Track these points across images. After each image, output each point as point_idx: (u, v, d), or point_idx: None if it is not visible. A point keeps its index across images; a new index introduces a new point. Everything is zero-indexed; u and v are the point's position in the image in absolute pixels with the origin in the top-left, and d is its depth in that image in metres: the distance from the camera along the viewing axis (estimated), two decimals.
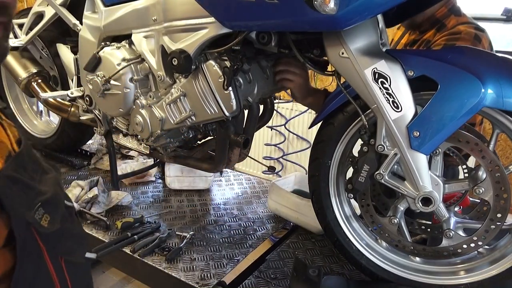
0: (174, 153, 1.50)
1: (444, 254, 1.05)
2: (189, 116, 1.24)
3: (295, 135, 3.13)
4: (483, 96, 0.86)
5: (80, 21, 1.47)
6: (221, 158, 1.36)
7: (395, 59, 0.93)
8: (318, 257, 1.38)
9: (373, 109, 0.95)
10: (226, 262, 1.32)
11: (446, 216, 1.03)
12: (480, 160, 0.94)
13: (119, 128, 1.51)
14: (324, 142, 1.11)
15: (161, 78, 1.24)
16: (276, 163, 3.34)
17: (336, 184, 1.15)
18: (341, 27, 0.88)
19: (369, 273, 1.16)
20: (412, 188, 0.98)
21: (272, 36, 1.06)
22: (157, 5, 1.18)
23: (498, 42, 2.84)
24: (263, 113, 1.55)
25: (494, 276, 1.01)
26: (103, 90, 1.35)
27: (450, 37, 1.30)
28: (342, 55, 0.96)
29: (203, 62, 1.16)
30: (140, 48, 1.27)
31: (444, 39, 1.31)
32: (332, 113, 1.08)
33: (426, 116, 0.91)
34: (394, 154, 0.96)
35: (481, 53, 0.95)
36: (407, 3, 0.85)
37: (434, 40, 1.35)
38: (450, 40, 1.29)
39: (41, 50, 1.84)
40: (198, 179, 1.84)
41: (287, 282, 1.22)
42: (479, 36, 1.29)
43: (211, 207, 1.72)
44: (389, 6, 0.85)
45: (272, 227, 1.58)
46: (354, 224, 1.18)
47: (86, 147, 2.27)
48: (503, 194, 0.95)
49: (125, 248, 1.35)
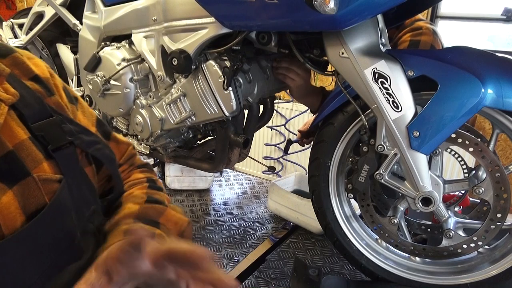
0: (174, 153, 1.50)
1: (444, 254, 1.05)
2: (189, 116, 1.24)
3: (295, 135, 3.13)
4: (483, 96, 0.86)
5: (80, 21, 1.47)
6: (221, 158, 1.36)
7: (395, 59, 0.93)
8: (318, 257, 1.38)
9: (373, 109, 0.95)
10: (226, 262, 1.32)
11: (446, 216, 1.03)
12: (480, 160, 0.94)
13: (119, 128, 1.51)
14: (324, 142, 1.11)
15: (161, 78, 1.24)
16: (276, 163, 3.34)
17: (336, 184, 1.15)
18: (341, 27, 0.88)
19: (369, 273, 1.16)
20: (412, 188, 0.98)
21: (272, 36, 1.06)
22: (157, 5, 1.18)
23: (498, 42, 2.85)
24: (263, 113, 1.55)
25: (494, 276, 1.01)
26: (103, 90, 1.35)
27: (414, 33, 1.37)
28: (342, 55, 0.96)
29: (203, 62, 1.16)
30: (140, 48, 1.27)
31: (408, 36, 1.38)
32: (332, 113, 1.08)
33: (426, 116, 0.91)
34: (394, 154, 0.96)
35: (481, 53, 0.95)
36: (407, 3, 0.85)
37: (398, 37, 1.42)
38: (414, 36, 1.37)
39: (41, 50, 1.84)
40: (198, 179, 1.84)
41: (287, 282, 1.22)
42: (436, 31, 1.38)
43: (211, 207, 1.72)
44: (389, 6, 0.85)
45: (272, 227, 1.58)
46: (354, 224, 1.18)
47: None
48: (503, 194, 0.95)
49: None
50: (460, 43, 0.96)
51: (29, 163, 0.46)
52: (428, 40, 1.35)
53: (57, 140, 0.50)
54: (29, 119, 0.48)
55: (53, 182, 0.48)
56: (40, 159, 0.48)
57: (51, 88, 0.55)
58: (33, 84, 0.52)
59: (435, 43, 1.36)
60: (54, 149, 0.49)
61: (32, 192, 0.46)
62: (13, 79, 0.50)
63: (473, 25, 2.76)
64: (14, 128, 0.47)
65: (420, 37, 1.35)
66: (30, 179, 0.46)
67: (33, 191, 0.46)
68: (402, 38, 1.39)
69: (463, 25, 2.77)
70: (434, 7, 2.67)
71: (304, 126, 1.71)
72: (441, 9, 2.71)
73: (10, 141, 0.46)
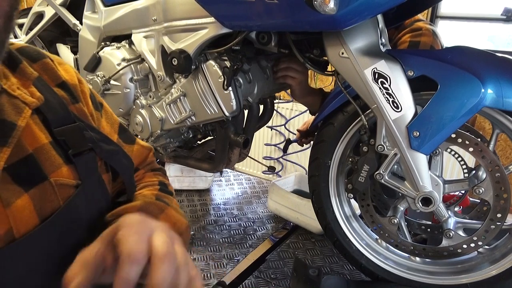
0: (174, 153, 1.50)
1: (444, 254, 1.05)
2: (189, 116, 1.24)
3: (295, 135, 3.13)
4: (483, 96, 0.86)
5: (80, 21, 1.47)
6: (221, 158, 1.36)
7: (395, 59, 0.93)
8: (318, 257, 1.38)
9: (373, 109, 0.95)
10: (226, 262, 1.32)
11: (446, 216, 1.03)
12: (480, 160, 0.94)
13: None
14: (324, 142, 1.11)
15: (161, 78, 1.24)
16: (276, 163, 3.34)
17: (336, 184, 1.15)
18: (341, 27, 0.88)
19: (369, 273, 1.16)
20: (412, 188, 0.98)
21: (272, 36, 1.06)
22: (157, 5, 1.18)
23: (498, 42, 2.85)
24: (263, 113, 1.55)
25: (494, 276, 1.01)
26: (103, 90, 1.35)
27: (413, 34, 1.37)
28: (342, 55, 0.96)
29: (203, 62, 1.16)
30: (140, 48, 1.27)
31: (408, 36, 1.37)
32: (332, 113, 1.08)
33: (426, 116, 0.91)
34: (394, 154, 0.96)
35: (481, 53, 0.95)
36: (407, 3, 0.85)
37: (397, 38, 1.42)
38: (414, 36, 1.36)
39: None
40: (198, 179, 1.84)
41: (287, 282, 1.22)
42: (435, 32, 1.38)
43: (211, 207, 1.72)
44: (389, 6, 0.85)
45: (272, 227, 1.58)
46: (354, 224, 1.18)
47: None
48: (503, 194, 0.95)
49: None
50: (460, 43, 0.96)
51: (47, 167, 0.46)
52: (428, 41, 1.36)
53: (78, 145, 0.51)
54: (52, 123, 0.49)
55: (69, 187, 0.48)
56: (59, 164, 0.48)
57: (77, 95, 0.56)
58: (59, 90, 0.53)
59: (435, 44, 1.36)
60: (75, 154, 0.50)
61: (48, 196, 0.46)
62: (41, 83, 0.51)
63: (473, 25, 2.76)
64: (36, 132, 0.47)
65: (420, 38, 1.35)
66: (47, 183, 0.46)
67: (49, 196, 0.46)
68: (402, 39, 1.39)
69: (463, 25, 2.77)
70: (434, 7, 2.67)
71: (303, 126, 1.71)
72: (441, 9, 2.71)
73: (31, 145, 0.46)
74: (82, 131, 0.52)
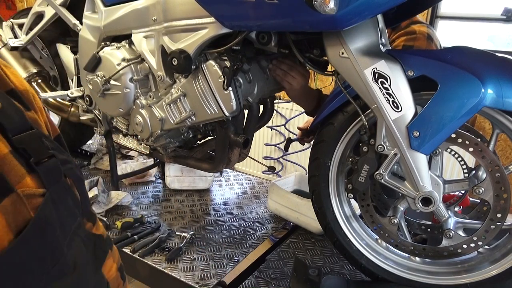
0: (174, 153, 1.50)
1: (444, 254, 1.05)
2: (189, 116, 1.24)
3: (295, 135, 3.13)
4: (483, 96, 0.86)
5: (80, 21, 1.47)
6: (221, 158, 1.36)
7: (395, 59, 0.93)
8: (318, 257, 1.38)
9: (373, 109, 0.95)
10: (226, 262, 1.32)
11: (446, 216, 1.03)
12: (480, 160, 0.94)
13: (119, 128, 1.51)
14: (324, 142, 1.11)
15: (161, 78, 1.24)
16: (276, 163, 3.34)
17: (336, 184, 1.15)
18: (341, 27, 0.88)
19: (369, 273, 1.16)
20: (412, 188, 0.98)
21: (272, 36, 1.06)
22: (157, 5, 1.18)
23: (498, 42, 2.85)
24: (263, 113, 1.55)
25: (494, 276, 1.01)
26: (103, 90, 1.35)
27: (407, 37, 1.38)
28: (342, 55, 0.96)
29: (203, 62, 1.16)
30: (140, 48, 1.27)
31: (402, 40, 1.38)
32: (332, 113, 1.08)
33: (426, 116, 0.91)
34: (394, 154, 0.96)
35: (481, 53, 0.95)
36: (407, 3, 0.85)
37: (392, 39, 1.42)
38: (408, 40, 1.37)
39: (41, 50, 1.84)
40: (198, 179, 1.84)
41: (287, 282, 1.22)
42: (431, 35, 1.38)
43: (211, 207, 1.72)
44: (389, 6, 0.85)
45: (272, 227, 1.58)
46: (354, 224, 1.18)
47: (86, 147, 2.27)
48: (503, 194, 0.95)
49: (125, 248, 1.35)
50: (460, 43, 0.96)
51: (12, 178, 0.44)
52: (421, 46, 1.36)
53: (39, 153, 0.49)
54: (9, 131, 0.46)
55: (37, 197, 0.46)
56: (22, 174, 0.46)
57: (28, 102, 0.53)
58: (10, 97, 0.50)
59: (429, 48, 1.36)
60: (36, 163, 0.48)
61: (18, 208, 0.44)
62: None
63: (473, 25, 2.76)
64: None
65: (414, 42, 1.36)
66: (15, 195, 0.44)
67: (19, 208, 0.44)
68: (396, 42, 1.40)
69: (463, 25, 2.77)
70: (434, 7, 2.67)
71: (304, 124, 1.71)
72: (441, 9, 2.72)
73: None
74: (41, 137, 0.50)
